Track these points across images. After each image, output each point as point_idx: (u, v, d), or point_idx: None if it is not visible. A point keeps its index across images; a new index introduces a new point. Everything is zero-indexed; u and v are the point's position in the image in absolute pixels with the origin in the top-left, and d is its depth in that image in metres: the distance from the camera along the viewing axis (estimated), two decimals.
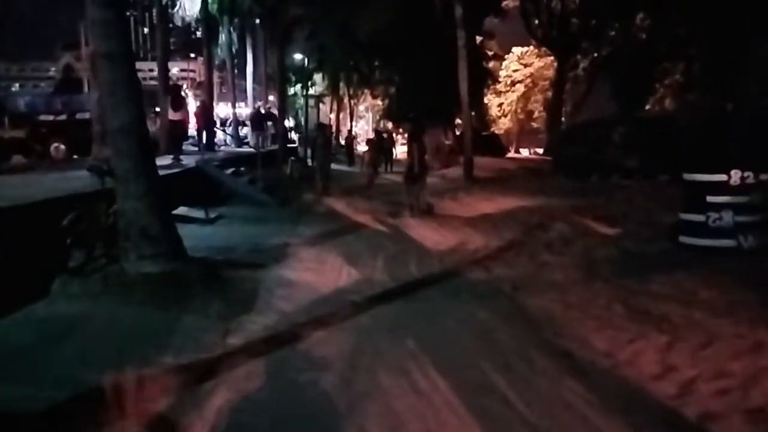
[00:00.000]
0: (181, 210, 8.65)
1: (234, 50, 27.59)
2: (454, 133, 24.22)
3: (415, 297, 5.33)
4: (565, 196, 11.78)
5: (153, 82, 22.47)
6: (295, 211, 10.92)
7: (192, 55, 67.54)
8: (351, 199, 12.35)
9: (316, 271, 6.17)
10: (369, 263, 6.64)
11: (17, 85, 77.27)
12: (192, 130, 20.06)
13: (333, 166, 15.63)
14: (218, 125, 25.54)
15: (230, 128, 25.05)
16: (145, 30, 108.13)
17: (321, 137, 13.46)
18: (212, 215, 8.80)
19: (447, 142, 22.79)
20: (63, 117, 15.77)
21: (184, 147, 13.77)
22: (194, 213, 8.64)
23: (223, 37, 25.56)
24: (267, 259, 6.56)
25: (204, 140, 17.78)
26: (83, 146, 12.80)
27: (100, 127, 12.26)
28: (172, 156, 11.80)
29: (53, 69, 57.70)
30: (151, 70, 42.18)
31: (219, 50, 26.47)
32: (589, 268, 5.92)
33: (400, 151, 26.03)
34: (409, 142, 10.78)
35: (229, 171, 12.25)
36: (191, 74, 67.52)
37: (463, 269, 6.43)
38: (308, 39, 26.11)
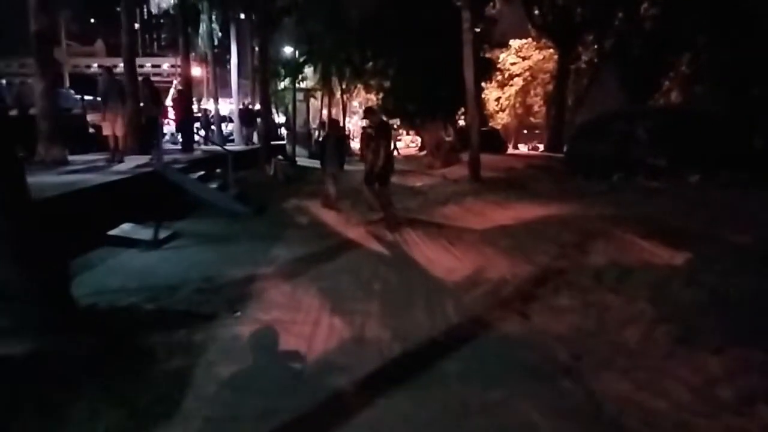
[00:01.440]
0: (123, 229, 6.78)
1: (216, 41, 25.53)
2: (455, 128, 22.37)
3: (426, 378, 3.51)
4: (591, 201, 9.97)
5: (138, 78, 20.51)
6: (273, 223, 9.07)
7: None
8: (343, 206, 10.54)
9: (285, 325, 4.36)
10: (360, 308, 4.85)
11: (4, 81, 74.59)
12: (171, 127, 18.32)
13: None
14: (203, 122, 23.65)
15: (213, 125, 23.11)
16: (136, 25, 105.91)
17: (332, 137, 10.92)
18: (163, 234, 6.90)
19: (447, 139, 20.95)
20: (14, 112, 13.76)
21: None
22: (138, 233, 6.75)
23: (203, 27, 23.50)
24: (220, 304, 4.74)
25: (180, 138, 16.06)
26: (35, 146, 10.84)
27: (46, 124, 10.64)
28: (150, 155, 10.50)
29: None
30: (141, 66, 41.52)
31: (200, 40, 24.43)
32: (677, 322, 4.13)
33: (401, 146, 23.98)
34: (377, 138, 8.90)
35: (197, 175, 10.34)
36: (179, 69, 65.28)
37: (491, 317, 4.65)
38: (296, 26, 24.13)
